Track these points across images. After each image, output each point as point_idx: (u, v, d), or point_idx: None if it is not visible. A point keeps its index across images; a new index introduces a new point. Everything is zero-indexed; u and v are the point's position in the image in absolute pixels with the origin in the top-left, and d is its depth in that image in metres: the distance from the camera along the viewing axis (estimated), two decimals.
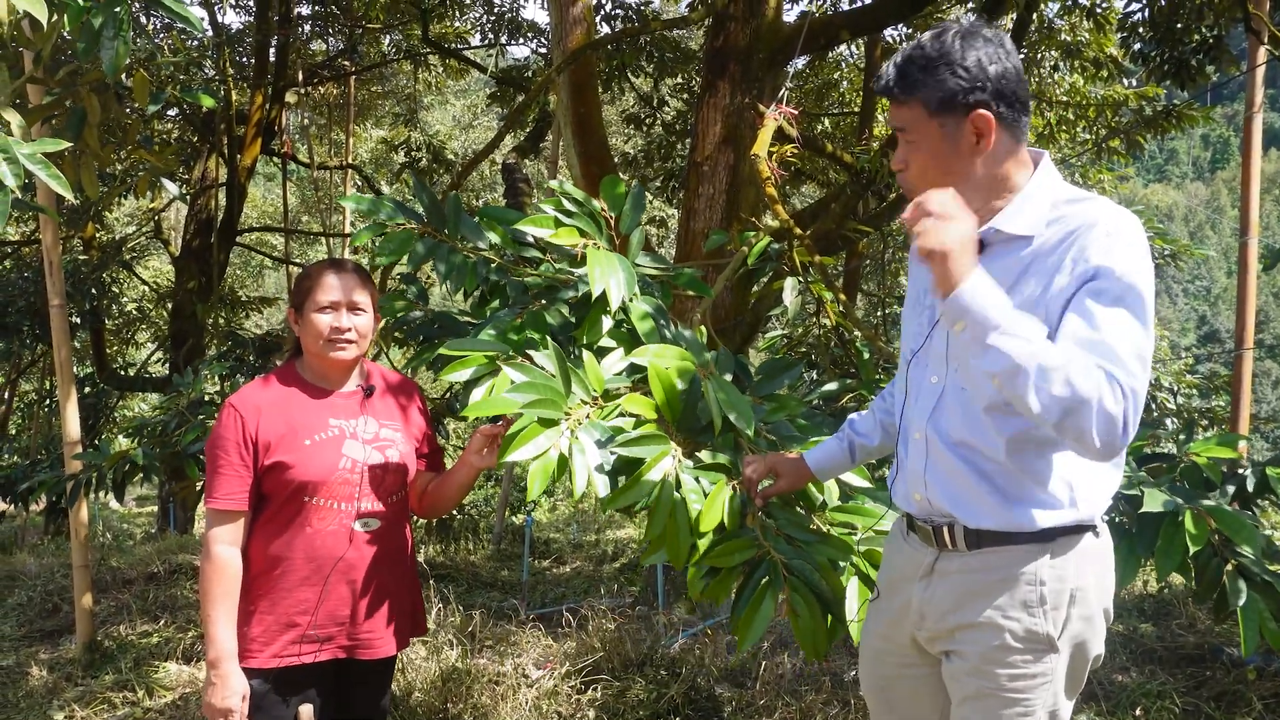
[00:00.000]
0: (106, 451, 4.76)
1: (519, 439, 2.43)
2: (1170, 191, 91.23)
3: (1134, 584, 6.78)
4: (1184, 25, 7.89)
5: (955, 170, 1.97)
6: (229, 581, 2.56)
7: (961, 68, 1.92)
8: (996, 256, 1.96)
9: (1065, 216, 1.90)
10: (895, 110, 2.00)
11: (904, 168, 2.04)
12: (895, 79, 1.97)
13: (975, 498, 1.99)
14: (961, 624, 2.01)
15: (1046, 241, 1.90)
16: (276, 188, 22.93)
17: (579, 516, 16.86)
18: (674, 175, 11.98)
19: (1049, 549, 1.95)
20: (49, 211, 4.11)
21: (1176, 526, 2.67)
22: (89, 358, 13.96)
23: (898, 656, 2.21)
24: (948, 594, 2.04)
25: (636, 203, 3.23)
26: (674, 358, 2.77)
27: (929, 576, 2.08)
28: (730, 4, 6.50)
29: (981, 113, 1.92)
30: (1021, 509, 1.94)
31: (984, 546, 1.99)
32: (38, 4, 2.84)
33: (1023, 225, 1.94)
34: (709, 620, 5.99)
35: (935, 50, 1.94)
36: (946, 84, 1.92)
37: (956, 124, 1.94)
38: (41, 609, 6.50)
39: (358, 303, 2.70)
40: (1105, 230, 1.83)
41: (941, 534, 2.05)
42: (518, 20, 13.01)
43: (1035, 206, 1.94)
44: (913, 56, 1.96)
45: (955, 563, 2.04)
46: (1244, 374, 7.12)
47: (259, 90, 13.14)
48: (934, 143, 1.96)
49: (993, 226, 1.96)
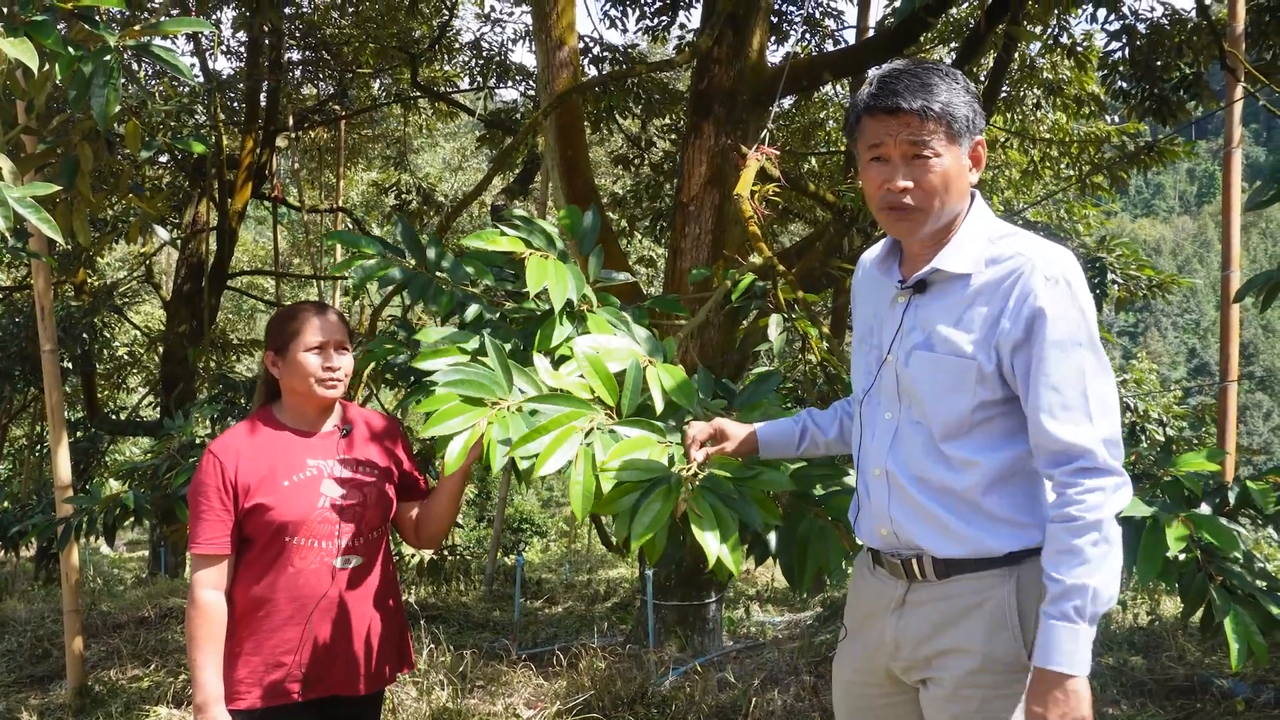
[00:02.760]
0: (98, 495, 4.78)
1: (438, 415, 2.41)
2: (1157, 225, 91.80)
3: (1124, 616, 6.80)
4: (1164, 63, 8.03)
5: (957, 191, 2.00)
6: (214, 626, 2.58)
7: (971, 95, 1.99)
8: (938, 295, 2.04)
9: (1001, 255, 1.97)
10: (913, 125, 1.95)
11: (911, 187, 1.98)
12: (921, 93, 1.94)
13: (941, 528, 2.02)
14: (937, 651, 2.03)
15: (989, 280, 1.97)
16: (267, 231, 23.00)
17: (571, 557, 16.81)
18: (662, 215, 12.06)
19: (1017, 572, 1.99)
20: (43, 256, 4.15)
21: (1157, 532, 2.71)
22: (80, 402, 13.94)
23: (873, 689, 2.22)
24: (921, 623, 2.06)
25: (593, 226, 3.27)
26: (618, 350, 2.76)
27: (900, 608, 2.10)
28: (714, 47, 6.60)
29: (981, 140, 2.02)
30: (987, 535, 1.99)
31: (953, 575, 2.02)
32: (29, 53, 2.88)
33: (961, 264, 2.00)
34: (700, 658, 6.00)
35: (944, 71, 1.98)
36: (962, 109, 1.97)
37: (966, 148, 2.00)
38: (31, 654, 6.48)
39: (343, 343, 2.74)
40: (1044, 275, 1.91)
41: (911, 566, 2.08)
42: (506, 64, 13.12)
43: (972, 244, 2.00)
44: (929, 81, 1.95)
45: (926, 593, 2.06)
46: (1229, 406, 7.16)
47: (250, 135, 13.23)
48: (952, 163, 1.98)
49: (934, 267, 2.02)
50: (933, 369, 2.01)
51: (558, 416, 2.44)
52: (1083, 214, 12.56)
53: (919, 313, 2.06)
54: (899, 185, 1.98)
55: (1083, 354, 1.89)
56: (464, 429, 2.41)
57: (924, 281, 2.05)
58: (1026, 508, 2.00)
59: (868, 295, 2.26)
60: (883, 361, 2.13)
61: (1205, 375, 58.84)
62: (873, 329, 2.18)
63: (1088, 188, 10.79)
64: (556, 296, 2.89)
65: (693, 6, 10.89)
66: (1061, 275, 1.91)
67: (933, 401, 2.01)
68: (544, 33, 6.81)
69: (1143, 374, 11.73)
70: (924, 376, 2.02)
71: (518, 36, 13.30)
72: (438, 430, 2.38)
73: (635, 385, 2.63)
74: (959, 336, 1.97)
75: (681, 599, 6.52)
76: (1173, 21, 8.07)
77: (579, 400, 2.54)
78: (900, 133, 1.96)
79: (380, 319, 5.73)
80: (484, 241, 3.07)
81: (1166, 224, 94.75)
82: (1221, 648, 5.60)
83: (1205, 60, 7.95)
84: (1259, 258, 74.02)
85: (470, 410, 2.45)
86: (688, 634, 6.42)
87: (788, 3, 11.34)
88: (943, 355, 1.99)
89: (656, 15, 11.03)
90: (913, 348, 2.05)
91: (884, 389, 2.13)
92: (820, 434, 2.44)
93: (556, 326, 2.89)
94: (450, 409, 2.43)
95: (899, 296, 2.11)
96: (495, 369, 2.59)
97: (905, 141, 1.96)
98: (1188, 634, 5.90)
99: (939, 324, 2.01)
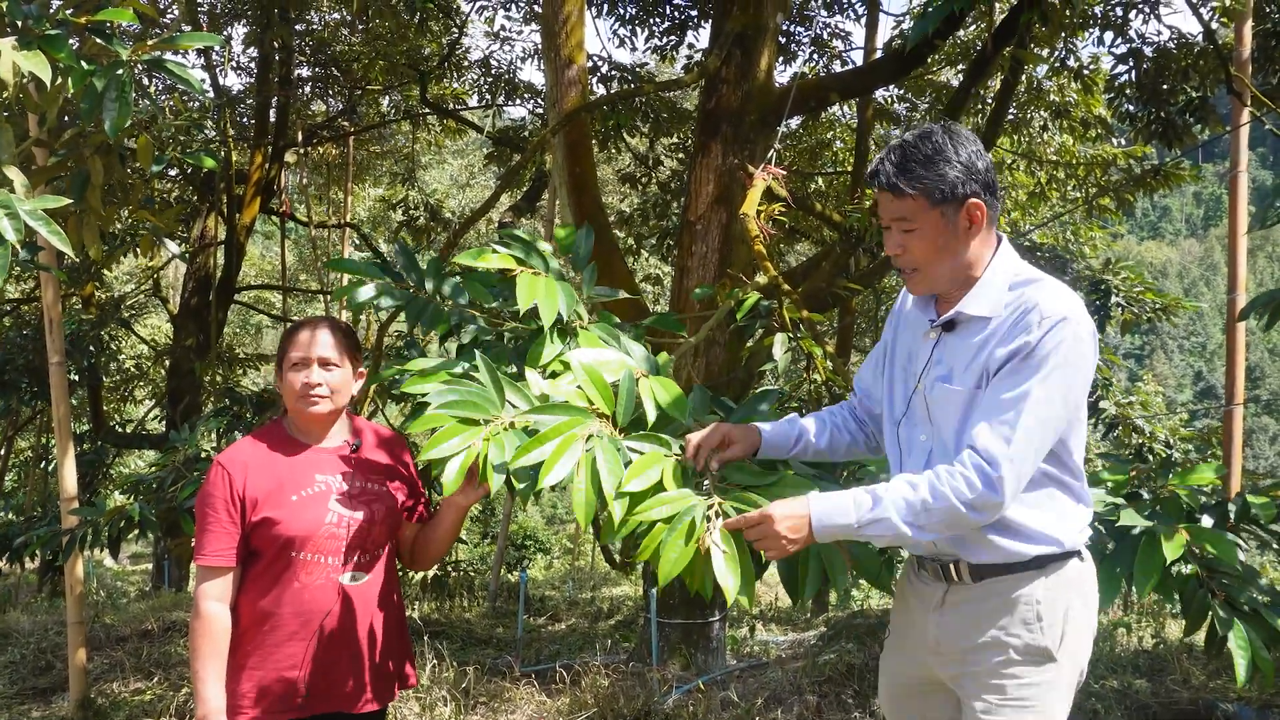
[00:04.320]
0: (102, 508, 4.79)
1: (435, 437, 2.41)
2: (1164, 248, 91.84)
3: (1129, 640, 6.77)
4: (1170, 87, 8.05)
5: (950, 250, 2.26)
6: (218, 639, 2.59)
7: (958, 163, 2.21)
8: (962, 334, 2.29)
9: (1017, 298, 2.22)
10: (894, 203, 2.23)
11: (901, 252, 2.28)
12: (897, 174, 2.21)
13: (974, 538, 2.26)
14: (972, 645, 2.29)
15: (1003, 321, 2.22)
16: (275, 246, 23.08)
17: (575, 574, 16.78)
18: (669, 233, 12.08)
19: (1042, 574, 2.26)
20: (52, 269, 4.17)
21: (1154, 543, 2.76)
22: (86, 415, 13.96)
23: (915, 684, 2.49)
24: (959, 621, 2.32)
25: (586, 242, 3.29)
26: (610, 362, 2.75)
27: (940, 608, 2.36)
28: (722, 67, 6.63)
29: (975, 202, 2.23)
30: (1015, 543, 2.24)
31: (986, 578, 2.29)
32: (42, 66, 2.91)
33: (984, 308, 2.25)
34: (703, 677, 5.98)
35: (931, 148, 2.21)
36: (946, 177, 2.20)
37: (955, 211, 2.23)
38: (34, 667, 6.48)
39: (329, 358, 2.73)
40: (1041, 314, 2.15)
41: (949, 570, 2.33)
42: (515, 81, 13.16)
43: (995, 289, 2.25)
44: (910, 154, 2.22)
45: (963, 594, 2.32)
46: (1235, 429, 7.17)
47: (259, 150, 13.28)
48: (935, 229, 2.23)
49: (960, 310, 2.27)
50: (948, 399, 2.28)
51: (557, 425, 2.44)
52: (1089, 236, 12.56)
53: (945, 349, 2.33)
54: (890, 251, 2.31)
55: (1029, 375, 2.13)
56: (460, 450, 2.41)
57: (952, 321, 2.31)
58: (1051, 517, 2.25)
59: (908, 324, 2.50)
60: (914, 390, 2.39)
61: (1211, 398, 58.71)
62: (910, 357, 2.44)
63: (1094, 210, 10.81)
64: (546, 313, 2.89)
65: (701, 26, 10.95)
66: (1058, 314, 2.14)
67: (949, 428, 2.29)
68: (553, 51, 6.85)
69: (1148, 397, 11.71)
70: (942, 405, 2.30)
71: (526, 55, 13.33)
72: (434, 454, 2.38)
73: (629, 395, 2.63)
74: (971, 371, 2.24)
75: (685, 617, 6.51)
76: (1179, 46, 8.10)
77: (577, 409, 2.54)
78: (887, 206, 2.27)
79: (387, 334, 5.75)
80: (475, 260, 3.08)
81: (1173, 247, 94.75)
82: (1227, 671, 5.58)
83: (1211, 84, 7.98)
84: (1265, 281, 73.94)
85: (466, 430, 2.45)
86: (691, 652, 6.41)
87: (796, 24, 11.39)
88: (955, 388, 2.26)
89: (665, 35, 11.09)
90: (936, 379, 2.32)
91: (917, 414, 2.39)
92: (812, 441, 2.63)
93: (547, 344, 2.90)
94: (446, 430, 2.43)
95: (930, 333, 2.37)
96: (486, 384, 2.58)
97: (891, 215, 2.27)
98: (1193, 657, 5.88)
99: (958, 360, 2.28)
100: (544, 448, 2.38)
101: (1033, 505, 2.24)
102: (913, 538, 2.14)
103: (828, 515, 2.16)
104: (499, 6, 12.37)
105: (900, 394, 2.46)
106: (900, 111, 12.19)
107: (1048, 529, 2.24)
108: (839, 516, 2.15)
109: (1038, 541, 2.24)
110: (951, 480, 2.12)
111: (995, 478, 2.10)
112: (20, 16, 3.02)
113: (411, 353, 3.55)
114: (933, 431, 2.34)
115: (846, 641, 6.45)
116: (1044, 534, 2.24)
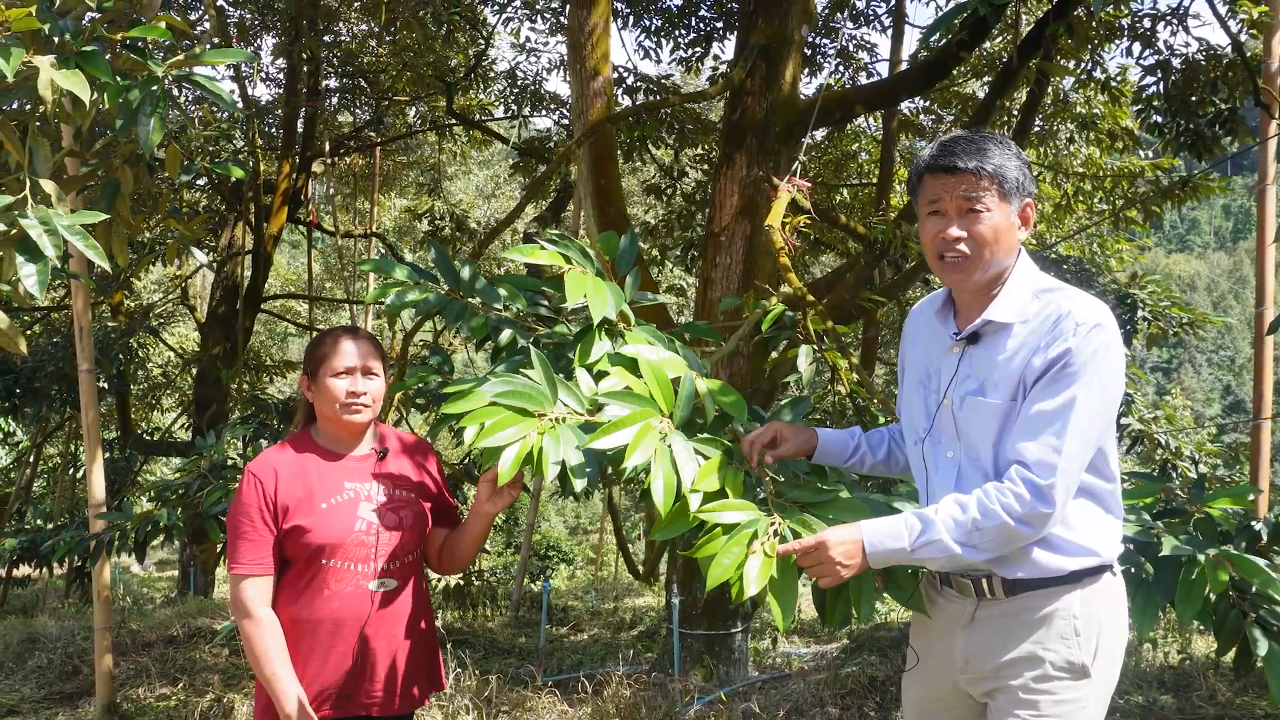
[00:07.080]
0: (130, 513, 4.84)
1: (490, 427, 2.40)
2: (1192, 261, 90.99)
3: (1155, 655, 6.72)
4: (1198, 98, 8.00)
5: (1003, 244, 2.24)
6: (279, 638, 2.63)
7: (1020, 160, 2.25)
8: (988, 345, 2.27)
9: (1046, 305, 2.21)
10: (968, 182, 2.21)
11: (964, 235, 2.23)
12: (976, 155, 2.21)
13: (1013, 553, 2.20)
14: (1006, 661, 2.24)
15: (1033, 328, 2.20)
16: (301, 255, 23.21)
17: (598, 584, 16.78)
18: (693, 244, 12.09)
19: (1079, 587, 2.22)
20: (83, 278, 4.22)
21: (1195, 572, 2.73)
22: (114, 422, 14.08)
23: (941, 703, 2.44)
24: (991, 636, 2.27)
25: (630, 248, 3.29)
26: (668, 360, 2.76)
27: (970, 625, 2.31)
28: (747, 79, 6.65)
29: (1030, 202, 2.27)
30: (1049, 556, 2.20)
31: (1020, 592, 2.24)
32: (81, 84, 2.95)
33: (1011, 314, 2.24)
34: (725, 688, 5.98)
35: (998, 140, 2.24)
36: (1014, 172, 2.22)
37: (1015, 207, 2.25)
38: (61, 671, 6.54)
39: (371, 368, 2.78)
40: (1076, 321, 2.14)
41: (980, 585, 2.28)
42: (540, 93, 13.23)
43: (1020, 297, 2.25)
44: (980, 142, 2.23)
45: (995, 609, 2.27)
46: (1263, 443, 7.10)
47: (286, 160, 13.39)
48: (1001, 219, 2.23)
49: (985, 319, 2.26)
50: (981, 413, 2.24)
51: (634, 413, 2.45)
52: (1115, 249, 12.48)
53: (973, 361, 2.30)
54: (952, 234, 2.23)
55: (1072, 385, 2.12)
56: (515, 440, 2.40)
57: (976, 334, 2.29)
58: (1084, 531, 2.22)
59: (922, 341, 2.48)
60: (939, 405, 2.36)
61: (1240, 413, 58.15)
62: (930, 374, 2.41)
63: (1121, 222, 10.73)
64: (596, 309, 2.87)
65: (726, 38, 10.97)
66: (1092, 321, 2.13)
67: (982, 442, 2.25)
68: (578, 63, 6.89)
69: (1174, 411, 11.61)
70: (974, 419, 2.26)
71: (552, 66, 13.43)
72: (490, 442, 2.38)
73: (689, 394, 2.64)
74: (1006, 383, 2.21)
75: (708, 628, 6.51)
76: (1208, 57, 8.05)
77: (645, 399, 2.55)
78: (956, 189, 2.22)
79: (412, 344, 5.78)
80: (524, 254, 3.10)
81: (1201, 259, 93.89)
82: (1254, 688, 5.53)
83: (1240, 96, 7.91)
84: None
85: (522, 421, 2.44)
86: (714, 663, 6.41)
87: (821, 35, 11.40)
88: (991, 401, 2.23)
89: (690, 46, 11.12)
90: (966, 393, 2.28)
91: (944, 430, 2.35)
92: (870, 454, 2.65)
93: (596, 341, 2.89)
94: (500, 420, 2.42)
95: (954, 347, 2.34)
96: (540, 381, 2.58)
97: (960, 197, 2.22)
98: (1219, 673, 5.83)
99: (989, 371, 2.25)
100: (623, 432, 2.39)
101: (1070, 518, 2.21)
102: (965, 558, 2.13)
103: (881, 540, 2.16)
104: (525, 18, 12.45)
105: (921, 411, 2.42)
106: (926, 123, 12.16)
107: (1085, 541, 2.21)
108: (892, 541, 2.15)
109: (1076, 554, 2.21)
110: (1001, 497, 2.11)
111: (1045, 486, 2.09)
112: (59, 34, 3.07)
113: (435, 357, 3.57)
114: (961, 448, 2.30)
115: (869, 654, 6.43)
116: (1082, 546, 2.21)
